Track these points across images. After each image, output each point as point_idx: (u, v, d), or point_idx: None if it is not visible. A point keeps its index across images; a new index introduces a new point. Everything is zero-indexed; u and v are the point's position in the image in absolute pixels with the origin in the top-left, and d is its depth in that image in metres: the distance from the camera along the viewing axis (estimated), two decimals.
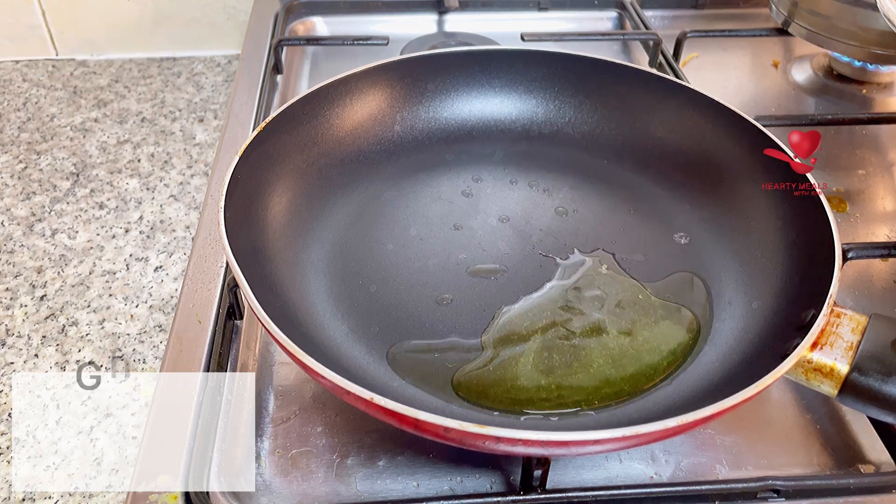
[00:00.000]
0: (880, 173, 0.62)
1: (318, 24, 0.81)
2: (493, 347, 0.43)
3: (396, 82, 0.54)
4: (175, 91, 0.78)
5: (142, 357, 0.50)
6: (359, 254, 0.48)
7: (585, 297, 0.46)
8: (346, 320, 0.44)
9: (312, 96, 0.50)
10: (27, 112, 0.74)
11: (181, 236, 0.59)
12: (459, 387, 0.41)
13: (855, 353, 0.36)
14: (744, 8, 0.85)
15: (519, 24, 0.79)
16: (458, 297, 0.45)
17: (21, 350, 0.50)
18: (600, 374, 0.41)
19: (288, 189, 0.48)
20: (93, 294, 0.54)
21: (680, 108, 0.53)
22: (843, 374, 0.36)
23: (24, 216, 0.61)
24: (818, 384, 0.37)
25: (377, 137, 0.54)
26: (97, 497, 0.42)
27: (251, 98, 0.65)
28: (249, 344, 0.46)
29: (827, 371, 0.36)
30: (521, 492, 0.37)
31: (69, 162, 0.67)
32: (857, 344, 0.36)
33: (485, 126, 0.56)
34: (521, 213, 0.51)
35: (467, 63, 0.56)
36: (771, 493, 0.37)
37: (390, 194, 0.52)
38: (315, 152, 0.50)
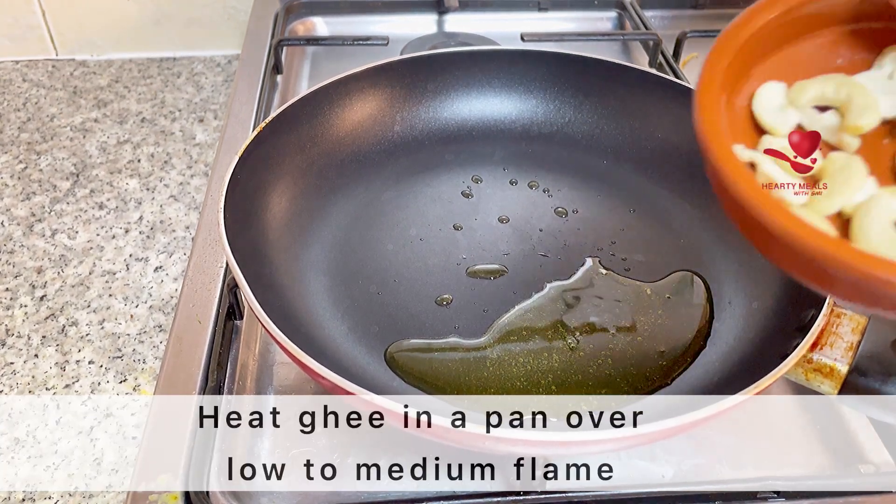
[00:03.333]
0: None
1: (318, 24, 0.81)
2: (493, 347, 0.43)
3: (396, 82, 0.54)
4: (175, 91, 0.78)
5: (142, 357, 0.50)
6: (359, 254, 0.48)
7: (585, 297, 0.46)
8: (345, 320, 0.44)
9: (312, 96, 0.50)
10: (27, 112, 0.74)
11: (181, 236, 0.59)
12: (459, 387, 0.41)
13: (855, 354, 0.36)
14: (744, 8, 0.85)
15: (519, 24, 0.79)
16: (458, 297, 0.45)
17: (21, 350, 0.50)
18: (600, 374, 0.41)
19: (288, 189, 0.48)
20: (93, 294, 0.54)
21: (680, 108, 0.53)
22: (843, 374, 0.36)
23: (24, 216, 0.61)
24: (818, 384, 0.37)
25: (377, 137, 0.54)
26: (97, 497, 0.42)
27: (251, 98, 0.65)
28: (249, 344, 0.46)
29: (827, 371, 0.36)
30: (521, 492, 0.37)
31: (69, 162, 0.67)
32: (857, 344, 0.36)
33: (485, 126, 0.56)
34: (521, 213, 0.51)
35: (467, 63, 0.56)
36: (771, 493, 0.37)
37: (390, 194, 0.52)
38: (315, 152, 0.50)
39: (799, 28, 0.31)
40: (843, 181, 0.28)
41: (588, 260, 0.48)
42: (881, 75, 0.31)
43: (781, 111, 0.31)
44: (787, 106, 0.31)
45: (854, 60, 0.31)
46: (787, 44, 0.31)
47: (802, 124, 0.30)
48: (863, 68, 0.31)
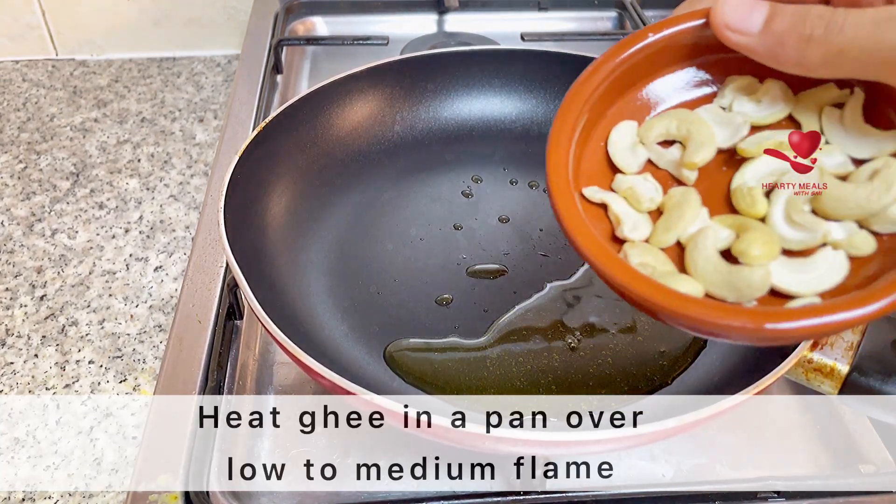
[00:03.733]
0: None
1: (318, 23, 0.81)
2: (493, 347, 0.43)
3: (396, 82, 0.54)
4: (175, 91, 0.78)
5: (142, 357, 0.50)
6: (359, 254, 0.48)
7: (585, 296, 0.46)
8: (345, 320, 0.44)
9: (312, 96, 0.50)
10: (27, 112, 0.74)
11: (181, 236, 0.59)
12: (458, 387, 0.41)
13: (855, 353, 0.36)
14: None
15: (519, 24, 0.79)
16: (458, 296, 0.45)
17: (21, 350, 0.50)
18: (600, 374, 0.41)
19: (288, 189, 0.48)
20: (93, 294, 0.54)
21: None
22: (844, 373, 0.36)
23: (24, 216, 0.61)
24: (818, 384, 0.37)
25: (377, 137, 0.54)
26: (97, 497, 0.42)
27: (251, 98, 0.65)
28: (249, 344, 0.46)
29: (827, 371, 0.36)
30: (521, 492, 0.37)
31: (69, 162, 0.67)
32: (858, 344, 0.36)
33: (485, 126, 0.56)
34: (522, 213, 0.51)
35: (467, 63, 0.56)
36: (771, 494, 0.37)
37: (390, 194, 0.52)
38: (315, 152, 0.50)
39: (648, 68, 0.33)
40: (678, 215, 0.30)
41: None
42: (720, 107, 0.32)
43: (632, 149, 0.33)
44: (636, 144, 0.33)
45: (700, 94, 0.33)
46: (638, 83, 0.33)
47: (652, 160, 0.32)
48: (707, 101, 0.33)
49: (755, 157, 0.31)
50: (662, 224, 0.31)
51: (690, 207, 0.30)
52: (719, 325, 0.26)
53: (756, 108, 0.32)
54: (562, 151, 0.31)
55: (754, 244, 0.28)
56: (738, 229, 0.29)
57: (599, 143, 0.33)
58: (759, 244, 0.28)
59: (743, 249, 0.28)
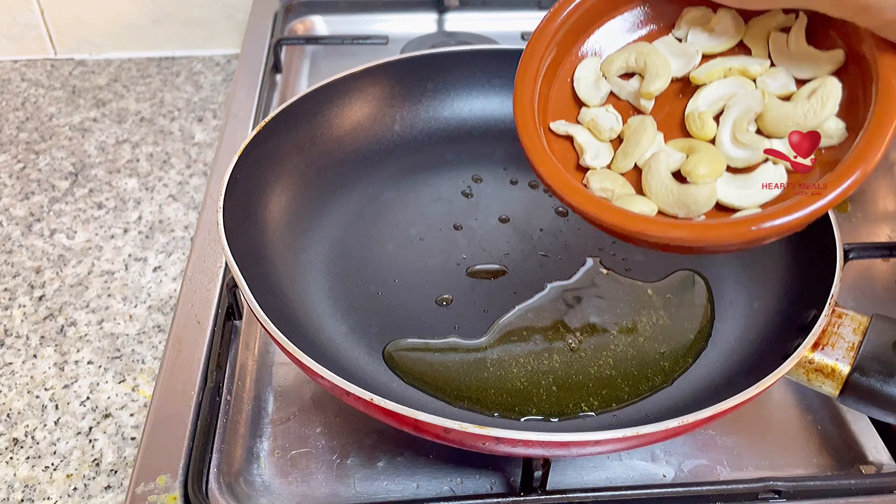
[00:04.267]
0: (881, 174, 0.62)
1: (318, 23, 0.80)
2: (493, 348, 0.42)
3: (396, 82, 0.54)
4: (174, 90, 0.78)
5: (141, 357, 0.49)
6: (358, 254, 0.48)
7: (586, 297, 0.46)
8: (345, 320, 0.44)
9: (312, 96, 0.49)
10: (26, 112, 0.74)
11: (180, 236, 0.59)
12: (458, 387, 0.41)
13: (856, 354, 0.36)
14: None
15: (519, 23, 0.79)
16: (458, 297, 0.45)
17: (20, 350, 0.50)
18: (601, 374, 0.41)
19: (287, 189, 0.48)
20: (91, 294, 0.54)
21: None
22: (845, 374, 0.36)
23: (23, 216, 0.61)
24: (819, 385, 0.37)
25: (377, 137, 0.53)
26: (96, 498, 0.42)
27: (250, 97, 0.65)
28: (248, 344, 0.46)
29: (828, 371, 0.36)
30: (521, 493, 0.37)
31: (68, 162, 0.67)
32: (859, 344, 0.36)
33: (485, 126, 0.56)
34: (522, 213, 0.51)
35: (467, 63, 0.55)
36: (772, 494, 0.37)
37: (390, 194, 0.52)
38: (314, 152, 0.50)
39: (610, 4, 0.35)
40: (635, 142, 0.33)
41: (589, 260, 0.48)
42: (676, 38, 0.35)
43: (595, 84, 0.35)
44: (600, 78, 0.35)
45: (659, 27, 0.36)
46: (601, 20, 0.36)
47: (614, 92, 0.35)
48: (665, 33, 0.36)
49: (707, 84, 0.33)
50: (621, 151, 0.33)
51: (646, 134, 0.33)
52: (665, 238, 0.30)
53: (708, 38, 0.34)
54: (527, 89, 0.34)
55: (700, 164, 0.31)
56: (689, 151, 0.32)
57: (566, 80, 0.36)
58: (705, 164, 0.31)
59: (690, 169, 0.31)
